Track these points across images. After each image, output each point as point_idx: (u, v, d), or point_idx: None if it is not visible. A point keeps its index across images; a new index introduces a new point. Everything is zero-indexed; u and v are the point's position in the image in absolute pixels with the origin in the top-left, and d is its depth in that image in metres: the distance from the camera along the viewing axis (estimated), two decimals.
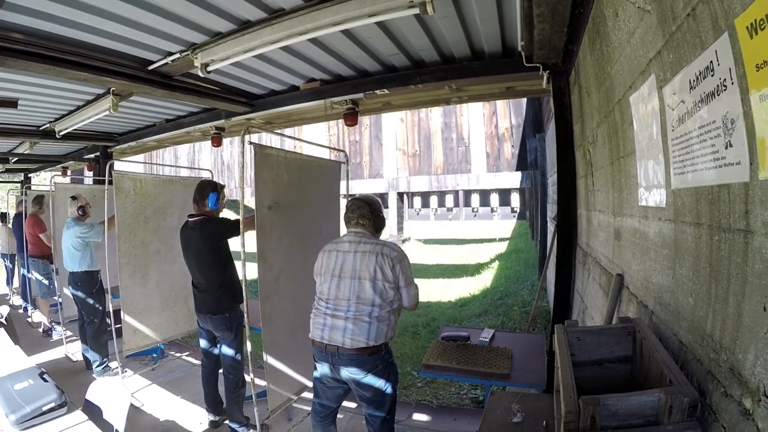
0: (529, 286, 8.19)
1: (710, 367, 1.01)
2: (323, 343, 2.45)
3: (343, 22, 2.60)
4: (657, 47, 1.27)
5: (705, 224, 1.05)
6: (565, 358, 1.17)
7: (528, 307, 6.75)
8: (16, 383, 2.41)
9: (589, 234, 2.82)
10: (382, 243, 2.51)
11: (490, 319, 6.62)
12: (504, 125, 8.55)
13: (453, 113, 8.79)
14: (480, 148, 8.71)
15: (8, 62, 2.89)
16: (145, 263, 4.70)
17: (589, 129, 2.59)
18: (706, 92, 0.96)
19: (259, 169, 3.15)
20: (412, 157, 9.19)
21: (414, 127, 9.13)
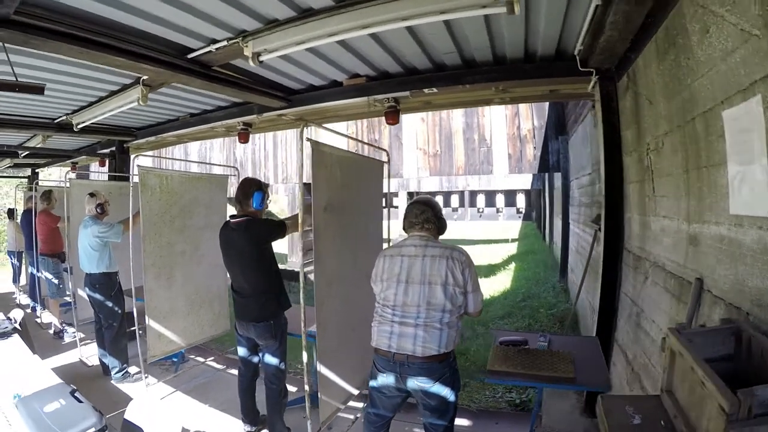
0: (551, 289, 8.39)
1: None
2: (390, 352, 2.44)
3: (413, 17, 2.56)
4: (766, 70, 1.44)
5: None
6: (700, 359, 1.32)
7: (554, 310, 6.95)
8: (46, 404, 2.24)
9: (644, 238, 2.99)
10: (451, 247, 2.54)
11: (516, 321, 6.80)
12: (526, 127, 8.72)
13: (475, 114, 8.96)
14: (502, 149, 8.87)
15: (35, 42, 2.70)
16: (171, 264, 4.65)
17: (651, 136, 2.76)
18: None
19: (316, 168, 3.09)
20: (432, 157, 9.33)
21: (435, 126, 9.28)
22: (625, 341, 3.30)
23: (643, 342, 2.86)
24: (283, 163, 11.14)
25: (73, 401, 2.30)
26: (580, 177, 7.02)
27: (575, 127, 7.36)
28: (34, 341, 4.05)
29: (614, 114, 3.50)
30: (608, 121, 3.51)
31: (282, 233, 3.38)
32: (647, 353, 2.76)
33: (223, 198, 5.43)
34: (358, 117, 5.46)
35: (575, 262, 7.44)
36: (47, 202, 6.44)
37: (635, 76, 3.03)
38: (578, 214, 7.24)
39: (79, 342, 5.55)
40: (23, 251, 8.30)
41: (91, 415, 2.20)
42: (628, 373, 3.13)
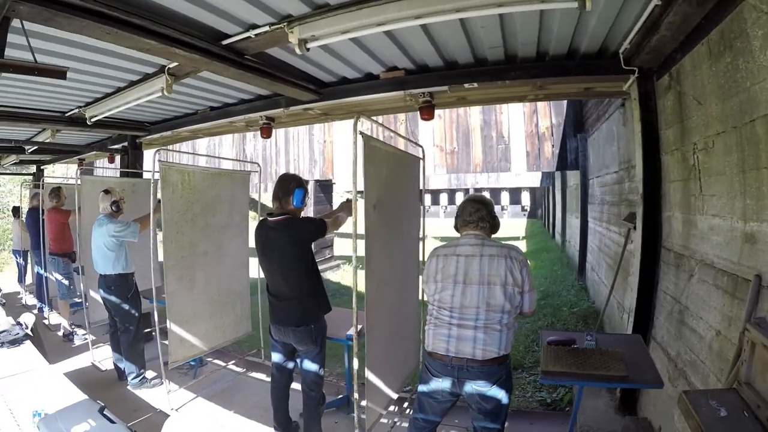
0: (569, 287, 8.51)
1: None
2: (448, 356, 2.45)
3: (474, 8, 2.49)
4: None
5: None
6: None
7: (576, 309, 7.05)
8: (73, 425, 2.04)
9: (689, 236, 3.08)
10: (508, 246, 2.56)
11: (538, 319, 6.89)
12: (544, 124, 8.79)
13: (492, 111, 9.02)
14: (520, 146, 8.94)
15: (59, 19, 2.45)
16: (192, 266, 4.53)
17: (699, 136, 2.85)
18: None
19: (367, 164, 2.99)
20: (450, 154, 9.39)
21: (452, 123, 9.33)
22: (666, 339, 3.40)
23: (689, 339, 2.96)
24: (295, 160, 11.15)
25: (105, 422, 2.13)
26: (602, 175, 7.11)
27: (597, 124, 7.45)
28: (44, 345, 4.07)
29: (652, 113, 3.59)
30: (647, 120, 3.60)
31: (323, 232, 3.31)
32: (694, 350, 2.87)
33: (245, 195, 5.40)
34: (389, 112, 5.35)
35: (596, 261, 7.56)
36: (56, 200, 6.35)
37: (679, 75, 3.13)
38: (600, 212, 7.34)
39: (91, 345, 5.47)
40: (29, 250, 8.21)
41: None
42: (670, 370, 3.23)
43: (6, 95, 4.53)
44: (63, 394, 2.50)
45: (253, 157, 11.36)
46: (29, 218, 7.52)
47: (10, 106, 4.98)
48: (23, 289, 8.68)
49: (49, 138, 6.25)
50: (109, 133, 6.93)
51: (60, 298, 6.40)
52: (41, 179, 7.85)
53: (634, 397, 3.85)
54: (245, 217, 5.37)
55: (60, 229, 6.34)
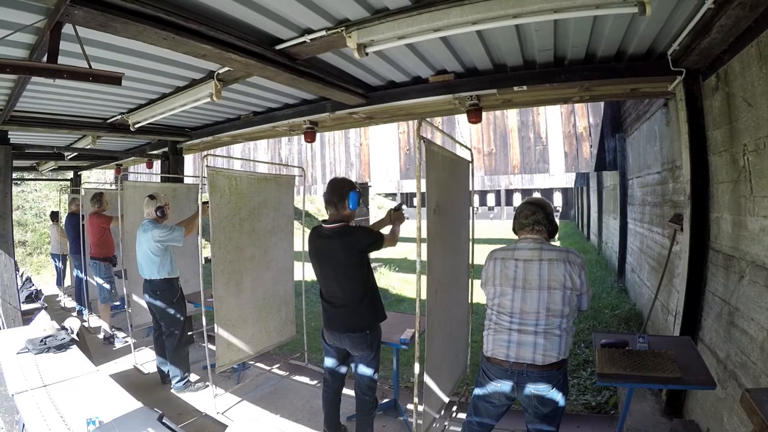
0: (608, 289, 8.45)
1: None
2: (508, 361, 2.47)
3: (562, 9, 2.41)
4: None
5: None
6: None
7: (618, 311, 7.01)
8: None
9: (739, 238, 3.09)
10: (566, 250, 2.56)
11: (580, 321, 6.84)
12: (582, 125, 8.74)
13: (530, 112, 9.00)
14: (558, 147, 8.90)
15: (114, 25, 2.43)
16: (240, 270, 4.61)
17: (749, 137, 2.86)
18: None
19: (429, 169, 3.06)
20: (487, 155, 9.40)
21: (489, 125, 9.35)
22: (714, 340, 3.40)
23: (740, 340, 2.96)
24: (330, 163, 11.26)
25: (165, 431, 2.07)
26: (643, 176, 7.06)
27: (636, 125, 7.39)
28: None
29: (699, 114, 3.59)
30: (694, 121, 3.60)
31: (380, 246, 3.31)
32: (745, 351, 2.87)
33: (290, 199, 5.45)
34: (434, 115, 5.34)
35: (638, 262, 7.51)
36: (98, 205, 6.51)
37: (727, 77, 3.14)
38: (641, 213, 7.28)
39: (133, 348, 5.61)
40: (67, 254, 8.41)
41: None
42: (719, 371, 3.23)
43: (47, 102, 4.62)
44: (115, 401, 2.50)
45: (288, 160, 11.49)
46: (68, 223, 7.72)
47: (51, 113, 5.09)
48: (62, 292, 8.90)
49: (90, 144, 6.33)
50: (149, 139, 7.06)
51: (101, 302, 6.51)
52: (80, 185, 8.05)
53: (681, 399, 3.85)
54: (290, 221, 5.43)
55: (101, 233, 6.48)
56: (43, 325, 3.75)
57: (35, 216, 14.16)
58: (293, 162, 11.39)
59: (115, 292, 6.57)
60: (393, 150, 10.53)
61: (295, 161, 11.44)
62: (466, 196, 4.29)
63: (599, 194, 13.13)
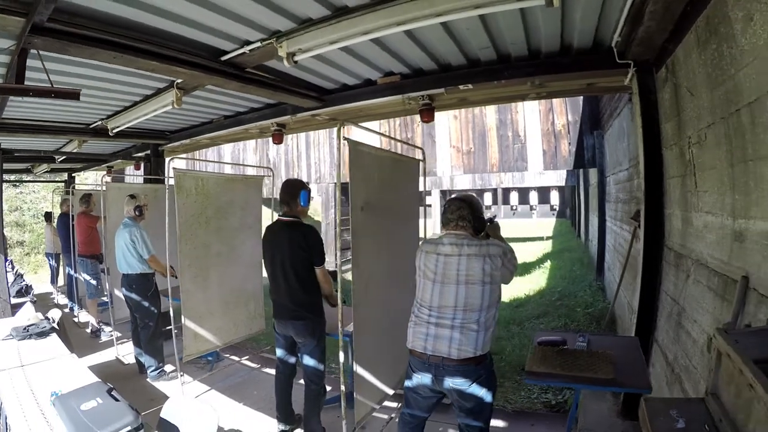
0: (586, 287, 8.23)
1: None
2: (426, 354, 2.42)
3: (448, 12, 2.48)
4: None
5: None
6: (749, 361, 1.26)
7: (591, 309, 6.80)
8: (83, 402, 2.26)
9: (686, 235, 2.89)
10: (487, 243, 2.48)
11: (552, 320, 6.69)
12: (560, 122, 8.56)
13: (508, 110, 8.84)
14: (536, 145, 8.73)
15: (71, 49, 2.73)
16: (206, 265, 4.70)
17: (693, 129, 2.66)
18: None
19: (353, 168, 3.08)
20: (466, 154, 9.25)
21: (468, 123, 9.19)
22: (665, 341, 3.21)
23: (685, 342, 2.77)
24: (316, 163, 11.22)
25: (110, 400, 2.31)
26: (616, 172, 6.86)
27: (611, 121, 7.19)
28: (72, 340, 4.24)
29: (653, 107, 3.39)
30: (647, 115, 3.40)
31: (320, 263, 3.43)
32: (688, 354, 2.68)
33: (258, 199, 5.47)
34: (392, 116, 5.40)
35: (612, 260, 7.26)
36: (86, 205, 6.63)
37: (674, 67, 2.93)
38: (615, 210, 7.08)
39: (116, 341, 5.69)
40: (60, 253, 8.53)
41: (128, 413, 2.21)
42: (668, 374, 3.03)
43: (32, 110, 4.81)
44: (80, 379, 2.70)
45: (275, 161, 11.48)
46: (60, 223, 7.84)
47: (36, 120, 5.26)
48: (55, 289, 8.99)
49: (76, 148, 6.55)
50: (133, 142, 7.22)
51: (88, 297, 6.66)
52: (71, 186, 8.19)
53: (637, 402, 3.65)
54: (258, 219, 5.45)
55: (88, 232, 6.59)
56: (27, 315, 3.96)
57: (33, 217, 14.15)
58: (280, 162, 11.37)
59: (101, 288, 6.65)
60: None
61: (281, 162, 11.42)
62: (413, 194, 4.27)
63: (585, 192, 12.92)
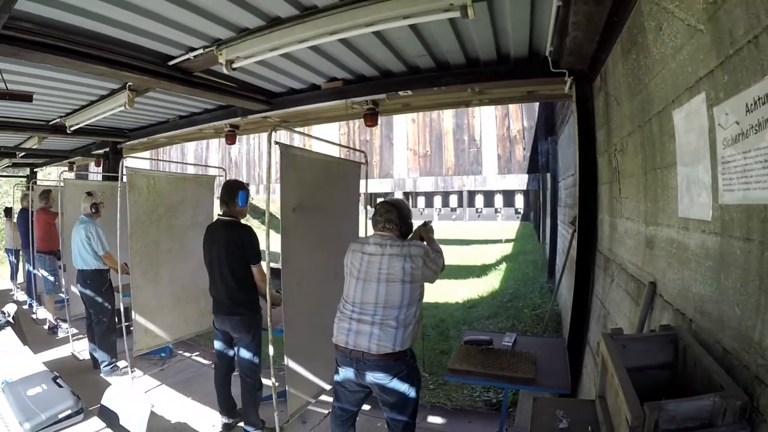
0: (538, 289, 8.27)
1: (758, 373, 1.09)
2: (348, 349, 2.48)
3: (377, 22, 2.60)
4: (709, 66, 1.34)
5: (756, 240, 1.13)
6: (620, 366, 1.25)
7: (539, 310, 6.85)
8: (29, 388, 2.37)
9: (612, 240, 2.90)
10: (409, 244, 2.55)
11: (500, 321, 6.71)
12: (516, 128, 8.65)
13: (465, 114, 8.90)
14: (491, 149, 8.82)
15: (23, 54, 2.83)
16: (157, 262, 4.79)
17: (618, 137, 2.67)
18: (765, 117, 1.03)
19: (285, 170, 3.20)
20: (423, 157, 9.29)
21: (425, 127, 9.23)
22: (595, 344, 3.22)
23: None
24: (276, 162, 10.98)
25: (54, 386, 2.43)
26: (566, 178, 6.93)
27: (563, 127, 7.27)
28: (29, 337, 4.23)
29: (590, 115, 3.40)
30: (583, 122, 3.42)
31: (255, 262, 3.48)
32: None
33: (210, 198, 5.48)
34: (339, 119, 5.52)
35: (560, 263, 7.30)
36: (45, 201, 6.54)
37: (606, 76, 2.94)
38: (564, 214, 7.16)
39: (72, 337, 5.64)
40: (20, 249, 8.36)
41: (69, 398, 2.33)
42: (595, 376, 3.03)
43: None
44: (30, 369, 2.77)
45: (237, 160, 11.39)
46: (20, 218, 7.70)
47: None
48: (15, 286, 8.82)
49: (37, 144, 6.56)
50: (93, 139, 7.19)
51: (46, 294, 6.62)
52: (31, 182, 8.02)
53: None
54: (210, 218, 5.44)
55: (47, 228, 6.51)
56: None
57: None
58: (242, 162, 11.25)
59: (59, 284, 6.53)
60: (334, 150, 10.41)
61: (243, 161, 11.32)
62: (352, 196, 4.29)
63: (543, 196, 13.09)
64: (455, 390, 4.51)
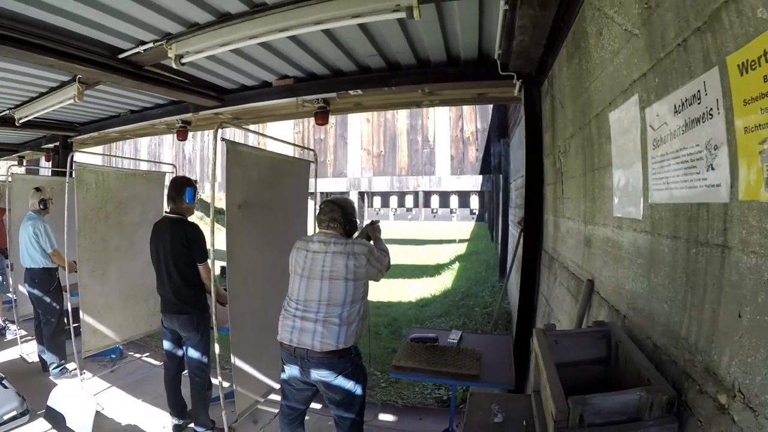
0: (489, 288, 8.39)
1: (685, 368, 1.12)
2: (292, 346, 2.45)
3: (326, 21, 2.60)
4: (643, 69, 1.38)
5: (682, 238, 1.16)
6: (549, 360, 1.26)
7: (489, 309, 6.94)
8: None
9: (556, 239, 2.96)
10: (353, 242, 2.54)
11: (452, 319, 6.77)
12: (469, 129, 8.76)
13: (419, 115, 8.95)
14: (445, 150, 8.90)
15: None
16: (105, 260, 4.60)
17: (561, 139, 2.72)
18: (691, 118, 1.06)
19: (230, 167, 3.12)
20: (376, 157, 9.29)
21: (380, 127, 9.23)
22: None
23: None
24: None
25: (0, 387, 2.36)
26: (516, 179, 7.07)
27: (514, 129, 7.41)
28: None
29: (537, 117, 3.47)
30: (531, 124, 3.48)
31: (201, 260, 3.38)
32: None
33: (160, 194, 5.31)
34: (291, 117, 5.47)
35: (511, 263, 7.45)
36: None
37: (553, 80, 3.00)
38: (514, 215, 7.30)
39: (20, 339, 5.41)
40: None
41: (14, 399, 2.26)
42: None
43: None
44: None
45: (191, 157, 11.10)
46: None
47: None
48: None
49: None
50: (43, 133, 6.92)
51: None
52: None
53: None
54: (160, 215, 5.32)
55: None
56: None
57: None
58: (195, 158, 10.98)
59: (6, 284, 6.17)
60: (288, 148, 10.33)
61: (197, 158, 11.04)
62: (301, 194, 4.26)
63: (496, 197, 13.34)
64: (407, 388, 4.51)
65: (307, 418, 2.83)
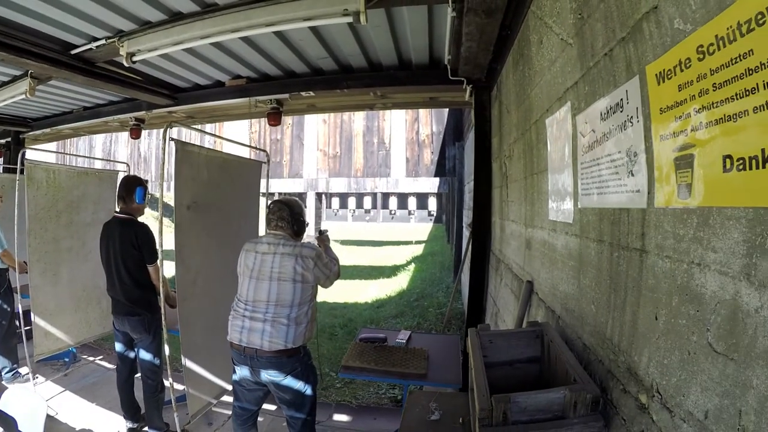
0: (444, 289, 8.45)
1: (610, 367, 1.14)
2: (242, 346, 2.42)
3: (277, 23, 2.59)
4: (575, 78, 1.40)
5: (606, 241, 1.18)
6: (478, 359, 1.27)
7: (443, 309, 6.98)
8: None
9: (502, 241, 3.00)
10: (301, 245, 2.52)
11: (407, 320, 6.77)
12: (425, 132, 8.82)
13: (376, 117, 8.95)
14: (400, 153, 8.94)
15: None
16: (57, 261, 4.43)
17: (507, 143, 2.76)
18: (614, 125, 1.08)
19: (180, 167, 3.06)
20: (332, 158, 9.24)
21: (336, 128, 9.19)
22: None
23: None
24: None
25: None
26: (469, 182, 7.15)
27: (468, 133, 7.51)
28: None
29: (486, 122, 3.50)
30: (480, 129, 3.51)
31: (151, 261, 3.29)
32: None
33: (112, 193, 5.11)
34: (245, 117, 5.41)
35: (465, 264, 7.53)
36: None
37: (501, 86, 3.04)
38: (467, 217, 7.38)
39: None
40: None
41: None
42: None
43: None
44: None
45: (147, 155, 10.76)
46: None
47: None
48: None
49: None
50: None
51: None
52: None
53: None
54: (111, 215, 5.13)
55: None
56: None
57: None
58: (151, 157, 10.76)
59: None
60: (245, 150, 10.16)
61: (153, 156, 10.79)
62: (252, 194, 4.22)
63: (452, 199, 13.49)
64: (361, 388, 4.48)
65: (261, 419, 2.79)
